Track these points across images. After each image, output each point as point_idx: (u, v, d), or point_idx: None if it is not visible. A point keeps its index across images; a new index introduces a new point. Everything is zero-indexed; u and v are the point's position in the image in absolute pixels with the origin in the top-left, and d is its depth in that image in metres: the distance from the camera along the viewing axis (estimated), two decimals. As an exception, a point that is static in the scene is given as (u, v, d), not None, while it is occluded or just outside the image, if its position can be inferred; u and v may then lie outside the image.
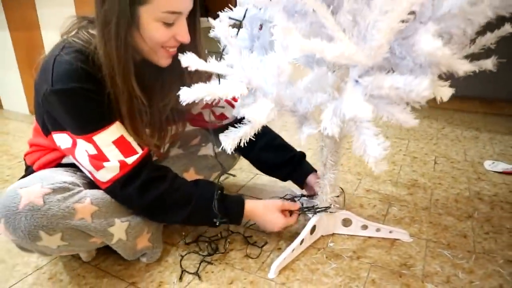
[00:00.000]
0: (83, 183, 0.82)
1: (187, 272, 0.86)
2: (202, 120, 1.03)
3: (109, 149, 0.76)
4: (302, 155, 1.07)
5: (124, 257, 0.86)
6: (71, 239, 0.74)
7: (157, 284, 0.83)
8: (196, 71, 0.73)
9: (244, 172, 1.38)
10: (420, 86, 0.56)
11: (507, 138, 1.76)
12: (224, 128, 1.05)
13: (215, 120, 1.03)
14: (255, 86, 0.67)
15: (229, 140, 0.72)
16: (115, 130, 0.77)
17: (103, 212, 0.77)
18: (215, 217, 0.85)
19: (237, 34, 0.78)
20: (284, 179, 1.10)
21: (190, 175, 1.05)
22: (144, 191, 0.80)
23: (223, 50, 0.68)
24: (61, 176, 0.78)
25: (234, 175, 0.91)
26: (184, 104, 0.64)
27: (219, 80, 0.68)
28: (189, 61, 0.62)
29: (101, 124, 0.76)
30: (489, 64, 0.74)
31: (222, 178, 1.05)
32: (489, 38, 0.70)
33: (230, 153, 0.75)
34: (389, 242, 0.97)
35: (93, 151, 0.76)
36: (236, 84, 0.64)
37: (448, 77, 0.67)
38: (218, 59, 0.68)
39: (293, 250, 0.89)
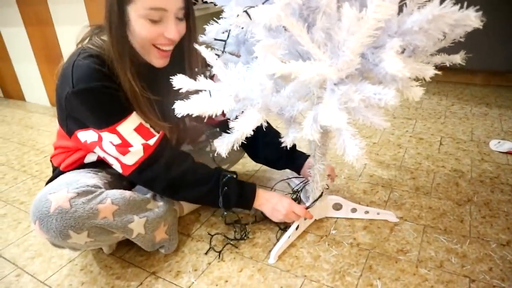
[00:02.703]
0: (104, 184, 0.92)
1: (214, 250, 0.99)
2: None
3: (132, 136, 0.86)
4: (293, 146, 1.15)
5: (144, 249, 0.96)
6: (96, 235, 0.84)
7: (175, 273, 0.93)
8: (196, 63, 0.91)
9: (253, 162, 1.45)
10: (388, 95, 0.62)
11: (516, 114, 1.76)
12: (223, 124, 1.12)
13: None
14: (242, 98, 0.73)
15: (223, 145, 0.79)
16: (135, 119, 0.86)
17: (123, 210, 0.86)
18: (228, 200, 0.95)
19: (223, 51, 0.83)
20: (281, 169, 1.20)
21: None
22: (169, 167, 0.90)
23: (211, 67, 0.74)
24: (84, 179, 0.87)
25: (235, 173, 0.98)
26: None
27: (210, 93, 0.74)
28: (180, 82, 0.69)
29: (122, 115, 0.85)
30: (457, 58, 0.78)
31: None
32: (458, 33, 0.73)
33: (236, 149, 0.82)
34: (388, 228, 1.03)
35: (118, 141, 0.85)
36: (224, 98, 0.71)
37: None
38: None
39: (289, 236, 0.98)
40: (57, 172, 0.98)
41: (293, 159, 1.14)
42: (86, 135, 0.88)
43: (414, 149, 1.48)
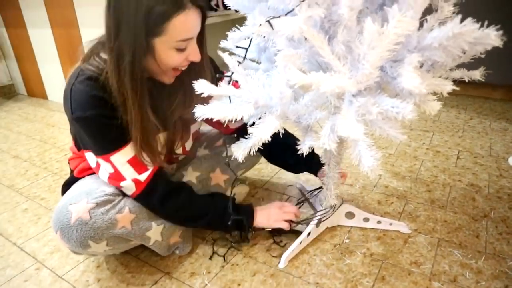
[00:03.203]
0: (121, 190, 0.91)
1: (217, 254, 1.01)
2: (216, 123, 1.12)
3: (124, 168, 0.85)
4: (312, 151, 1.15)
5: (160, 254, 0.97)
6: (115, 244, 0.86)
7: (189, 274, 0.95)
8: (198, 77, 0.82)
9: (270, 166, 1.47)
10: (405, 109, 0.63)
11: (537, 130, 1.73)
12: (237, 132, 1.14)
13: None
14: (261, 105, 0.75)
15: (240, 150, 0.81)
16: (129, 151, 0.84)
17: (140, 218, 0.88)
18: (228, 227, 0.97)
19: (244, 59, 0.85)
20: (298, 172, 1.24)
21: (216, 175, 1.15)
22: (164, 202, 0.90)
23: (232, 74, 0.75)
24: (103, 186, 0.88)
25: (244, 181, 1.00)
26: (191, 115, 0.74)
27: (230, 99, 0.76)
28: (202, 87, 0.72)
29: (117, 145, 0.83)
30: (477, 74, 0.78)
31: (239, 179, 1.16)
32: (478, 49, 0.73)
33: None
34: (402, 240, 1.03)
35: (111, 170, 0.85)
36: (244, 105, 0.73)
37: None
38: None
39: (300, 242, 0.99)
40: (71, 177, 1.01)
41: (312, 163, 1.15)
42: (89, 158, 0.89)
43: (431, 161, 1.47)
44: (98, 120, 0.80)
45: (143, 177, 0.86)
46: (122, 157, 0.84)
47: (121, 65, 0.75)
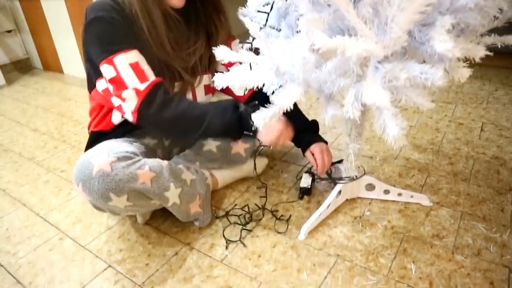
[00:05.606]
0: (140, 153, 0.94)
1: (230, 241, 0.97)
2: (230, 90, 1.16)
3: (126, 71, 0.87)
4: (310, 126, 1.15)
5: (179, 219, 0.98)
6: (135, 200, 0.87)
7: (209, 245, 0.96)
8: (218, 22, 0.97)
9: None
10: (435, 75, 0.59)
11: None
12: (252, 97, 1.13)
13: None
14: (283, 72, 0.72)
15: (261, 119, 0.79)
16: (133, 55, 0.88)
17: (160, 177, 0.89)
18: (233, 125, 0.95)
19: (265, 24, 0.81)
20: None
21: (238, 146, 1.14)
22: (165, 107, 0.90)
23: (253, 39, 0.73)
24: (122, 146, 0.91)
25: (268, 150, 0.97)
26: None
27: (250, 66, 0.73)
28: (222, 53, 0.69)
29: (121, 47, 0.87)
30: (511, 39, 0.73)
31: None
32: None
33: None
34: (424, 212, 1.01)
35: (113, 73, 0.87)
36: (265, 71, 0.70)
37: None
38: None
39: (320, 214, 0.98)
40: (90, 136, 1.03)
41: (301, 138, 1.13)
42: (100, 84, 0.93)
43: (453, 134, 1.43)
44: (109, 20, 0.86)
45: (143, 86, 0.88)
46: (125, 59, 0.87)
47: None
